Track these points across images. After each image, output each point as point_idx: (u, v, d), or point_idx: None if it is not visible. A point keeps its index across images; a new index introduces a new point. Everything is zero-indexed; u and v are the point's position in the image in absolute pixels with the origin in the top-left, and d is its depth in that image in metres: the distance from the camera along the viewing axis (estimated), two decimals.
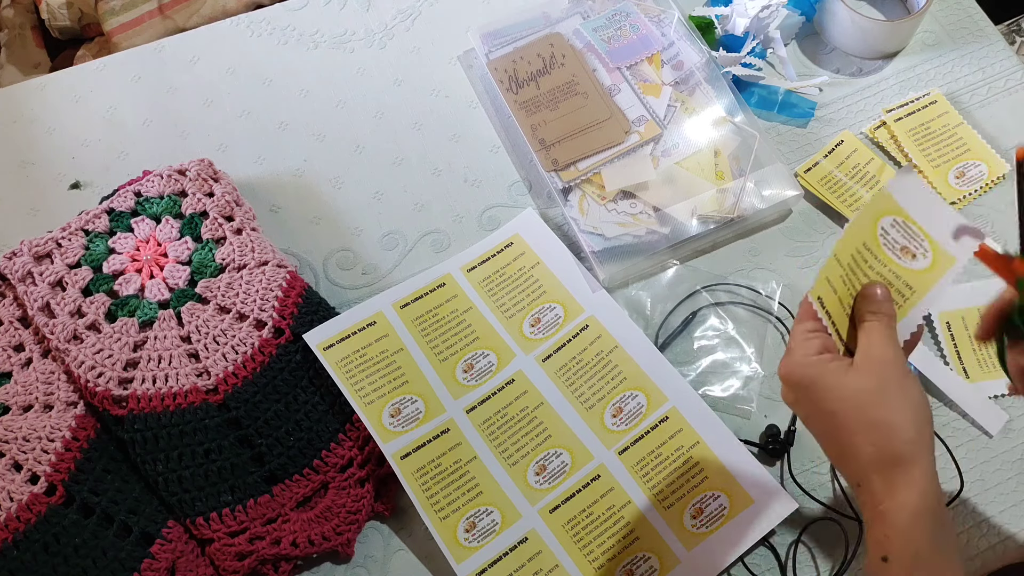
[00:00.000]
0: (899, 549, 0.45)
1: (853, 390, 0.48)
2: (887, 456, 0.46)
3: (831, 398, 0.48)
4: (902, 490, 0.46)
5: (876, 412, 0.47)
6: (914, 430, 0.47)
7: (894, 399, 0.47)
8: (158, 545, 0.66)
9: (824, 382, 0.49)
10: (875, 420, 0.47)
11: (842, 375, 0.49)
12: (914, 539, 0.45)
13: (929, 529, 0.45)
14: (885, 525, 0.46)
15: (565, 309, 0.76)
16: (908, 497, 0.45)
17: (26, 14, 1.30)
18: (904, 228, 0.51)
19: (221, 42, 0.92)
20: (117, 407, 0.69)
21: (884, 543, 0.46)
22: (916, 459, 0.46)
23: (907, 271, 0.50)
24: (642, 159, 0.80)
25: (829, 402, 0.48)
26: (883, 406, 0.47)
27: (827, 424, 0.49)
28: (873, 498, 0.47)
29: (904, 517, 0.45)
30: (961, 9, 0.90)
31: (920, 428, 0.47)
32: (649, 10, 0.88)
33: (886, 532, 0.46)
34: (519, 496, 0.68)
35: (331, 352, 0.72)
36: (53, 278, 0.74)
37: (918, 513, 0.45)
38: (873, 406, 0.47)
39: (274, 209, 0.83)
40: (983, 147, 0.82)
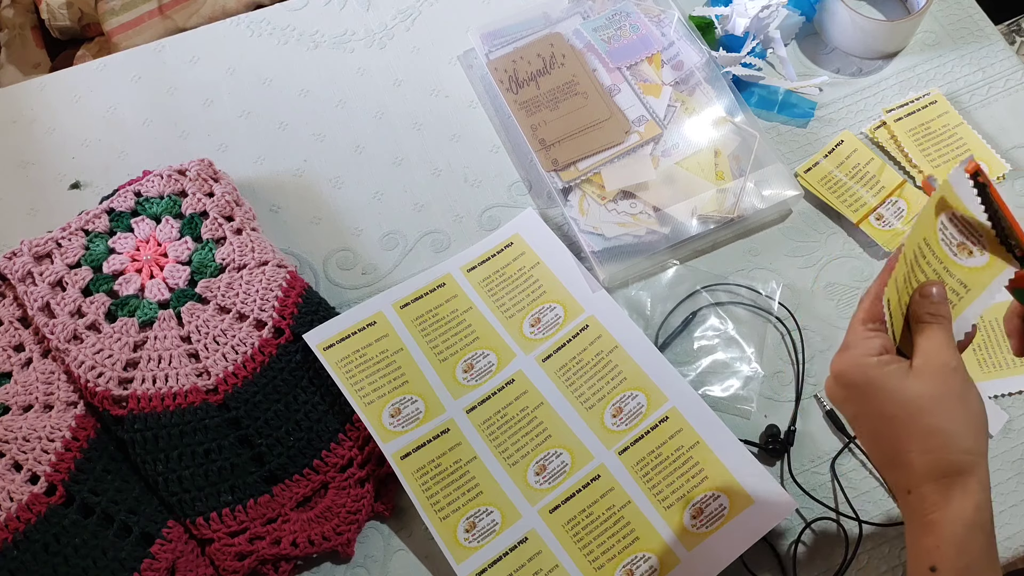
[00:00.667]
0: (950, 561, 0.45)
1: (913, 395, 0.46)
2: (943, 465, 0.45)
3: (889, 401, 0.47)
4: (957, 501, 0.45)
5: (935, 419, 0.46)
6: (972, 440, 0.46)
7: (954, 407, 0.46)
8: (158, 545, 0.66)
9: (882, 384, 0.47)
10: (933, 427, 0.46)
11: (902, 378, 0.47)
12: (967, 552, 0.44)
13: (981, 543, 0.45)
14: (936, 535, 0.45)
15: (565, 309, 0.76)
16: (964, 508, 0.45)
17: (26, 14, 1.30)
18: (962, 223, 0.48)
19: (221, 42, 0.92)
20: (117, 407, 0.69)
21: (934, 553, 0.45)
22: (973, 470, 0.46)
23: (962, 268, 0.48)
24: (642, 159, 0.80)
25: (886, 405, 0.47)
26: (942, 414, 0.46)
27: (880, 427, 0.48)
28: (924, 506, 0.46)
29: (959, 529, 0.44)
30: (961, 9, 0.90)
31: (978, 438, 0.46)
32: (649, 10, 0.88)
33: (937, 542, 0.45)
34: (519, 496, 0.68)
35: (331, 352, 0.72)
36: (53, 278, 0.74)
37: (973, 525, 0.45)
38: (932, 413, 0.46)
39: (274, 209, 0.83)
40: (983, 147, 0.82)
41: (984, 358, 0.74)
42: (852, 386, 0.49)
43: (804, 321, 0.76)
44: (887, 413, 0.47)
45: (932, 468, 0.46)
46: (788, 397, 0.74)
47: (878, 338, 0.50)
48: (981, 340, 0.74)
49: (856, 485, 0.70)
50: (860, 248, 0.79)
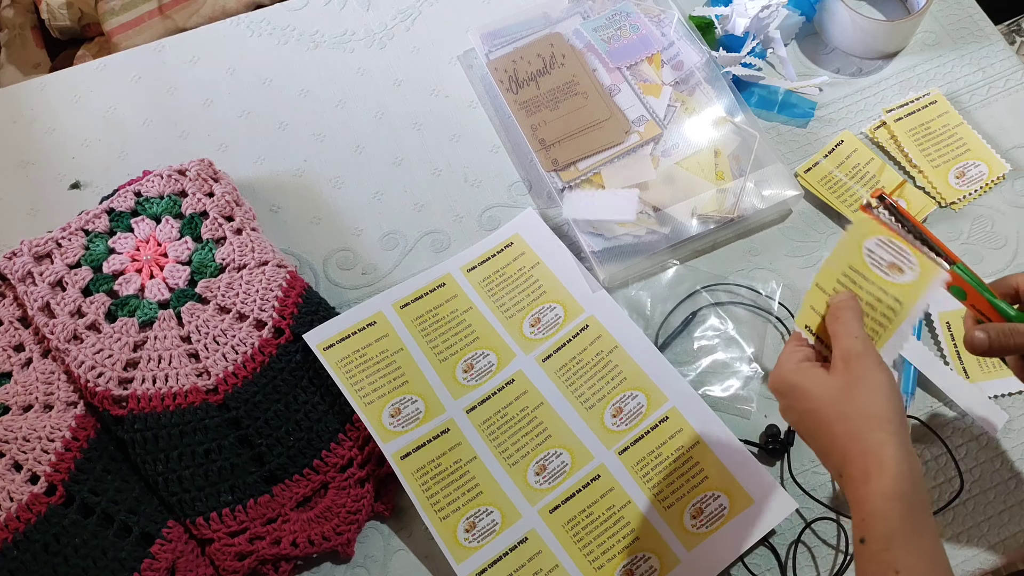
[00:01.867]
0: (873, 531, 0.48)
1: (828, 388, 0.52)
2: (858, 444, 0.49)
3: (809, 398, 0.52)
4: (874, 475, 0.48)
5: (845, 405, 0.51)
6: (881, 418, 0.50)
7: (861, 391, 0.50)
8: (158, 545, 0.66)
9: (802, 385, 0.53)
10: (845, 413, 0.50)
11: (819, 378, 0.53)
12: (888, 520, 0.47)
13: (900, 511, 0.47)
14: (861, 509, 0.49)
15: (565, 309, 0.76)
16: (880, 481, 0.48)
17: (26, 14, 1.30)
18: (890, 245, 0.54)
19: (221, 42, 0.92)
20: (117, 407, 0.69)
21: (861, 526, 0.49)
22: (885, 444, 0.49)
23: (896, 286, 0.53)
24: (642, 159, 0.80)
25: (808, 401, 0.52)
26: (851, 399, 0.50)
27: (809, 423, 0.53)
28: (851, 485, 0.50)
29: (877, 500, 0.48)
30: (961, 9, 0.90)
31: (887, 414, 0.50)
32: (649, 10, 0.88)
33: (862, 516, 0.49)
34: (519, 496, 0.68)
35: (331, 352, 0.72)
36: (53, 278, 0.74)
37: (890, 496, 0.48)
38: (843, 401, 0.51)
39: (274, 209, 0.83)
40: (983, 147, 0.82)
41: (983, 358, 0.74)
42: (782, 394, 0.55)
43: None
44: (809, 408, 0.52)
45: (849, 450, 0.50)
46: None
47: (800, 351, 0.56)
48: None
49: None
50: None
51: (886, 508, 0.48)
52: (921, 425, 0.72)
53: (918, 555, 0.47)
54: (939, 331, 0.74)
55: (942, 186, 0.81)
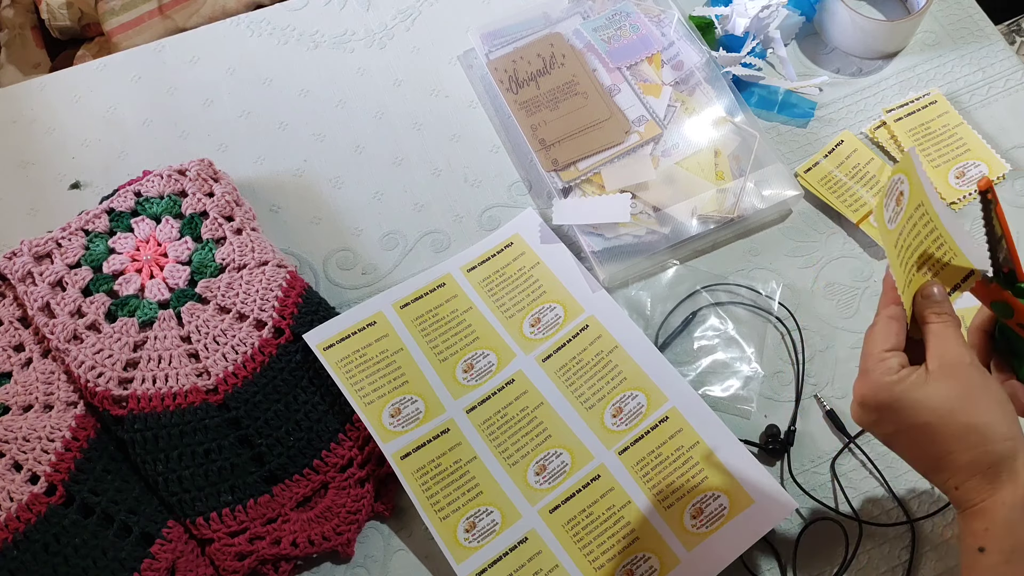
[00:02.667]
0: (998, 541, 0.47)
1: (941, 398, 0.48)
2: (986, 458, 0.47)
3: (919, 411, 0.48)
4: (1006, 485, 0.47)
5: (967, 417, 0.47)
6: (1007, 426, 0.47)
7: (981, 401, 0.48)
8: (158, 545, 0.66)
9: (910, 398, 0.49)
10: (969, 423, 0.47)
11: (925, 386, 0.49)
12: (1016, 531, 0.46)
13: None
14: (985, 519, 0.47)
15: (565, 309, 0.76)
16: (1013, 491, 0.46)
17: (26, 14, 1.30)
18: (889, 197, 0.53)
19: (221, 42, 0.92)
20: (117, 407, 0.69)
21: (982, 536, 0.47)
22: (1015, 454, 0.47)
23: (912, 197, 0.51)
24: (642, 159, 0.80)
25: (919, 415, 0.48)
26: (974, 408, 0.48)
27: (918, 438, 0.49)
28: (972, 497, 0.48)
29: (1007, 511, 0.46)
30: (961, 9, 0.90)
31: (1011, 423, 0.48)
32: (649, 10, 0.88)
33: (986, 525, 0.47)
34: (519, 496, 0.68)
35: (331, 352, 0.72)
36: (53, 278, 0.74)
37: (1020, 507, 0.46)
38: (964, 411, 0.48)
39: (274, 209, 0.83)
40: (983, 147, 0.82)
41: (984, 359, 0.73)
42: (880, 408, 0.50)
43: (804, 321, 0.76)
44: (921, 422, 0.48)
45: (975, 463, 0.47)
46: (788, 397, 0.74)
47: (894, 357, 0.51)
48: None
49: (856, 485, 0.70)
50: (860, 248, 0.79)
51: (1016, 519, 0.46)
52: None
53: None
54: None
55: (942, 186, 0.81)
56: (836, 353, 0.75)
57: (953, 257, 0.49)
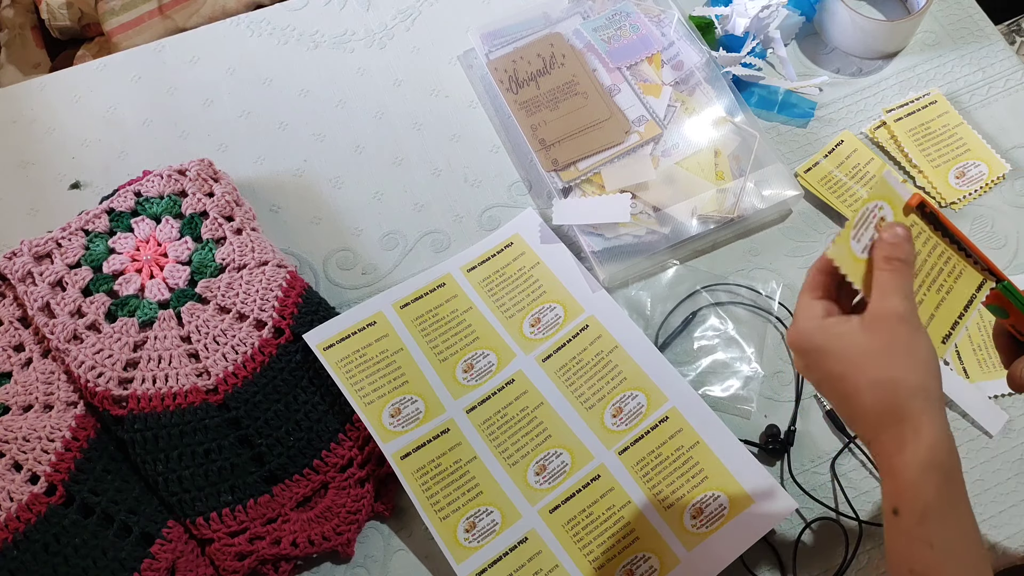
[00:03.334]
0: (909, 502, 0.46)
1: (859, 349, 0.47)
2: (893, 412, 0.46)
3: (838, 360, 0.48)
4: (910, 444, 0.46)
5: (880, 370, 0.47)
6: (918, 383, 0.46)
7: (899, 355, 0.47)
8: (158, 545, 0.66)
9: (829, 345, 0.48)
10: (879, 377, 0.47)
11: (848, 336, 0.48)
12: (922, 492, 0.45)
13: (937, 482, 0.45)
14: (895, 479, 0.46)
15: (565, 309, 0.76)
16: (916, 451, 0.46)
17: (26, 14, 1.30)
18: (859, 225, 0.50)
19: (221, 42, 0.92)
20: (117, 407, 0.69)
21: (894, 497, 0.47)
22: (922, 413, 0.46)
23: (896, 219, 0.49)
24: (642, 159, 0.80)
25: (836, 364, 0.48)
26: (888, 362, 0.47)
27: (836, 387, 0.49)
28: (884, 454, 0.47)
29: (912, 471, 0.46)
30: (961, 9, 0.90)
31: (926, 383, 0.47)
32: (649, 10, 0.88)
33: (895, 486, 0.46)
34: (519, 496, 0.68)
35: (331, 352, 0.72)
36: (53, 278, 0.74)
37: (927, 466, 0.45)
38: (878, 364, 0.47)
39: (274, 209, 0.83)
40: (983, 147, 0.82)
41: (984, 358, 0.74)
42: (805, 353, 0.50)
43: None
44: (838, 371, 0.48)
45: (883, 416, 0.47)
46: (788, 397, 0.74)
47: (820, 303, 0.50)
48: (981, 340, 0.74)
49: (856, 485, 0.70)
50: None
51: (922, 479, 0.45)
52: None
53: (953, 528, 0.45)
54: None
55: (942, 186, 0.81)
56: None
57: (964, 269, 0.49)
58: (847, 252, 0.49)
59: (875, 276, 0.49)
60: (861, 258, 0.49)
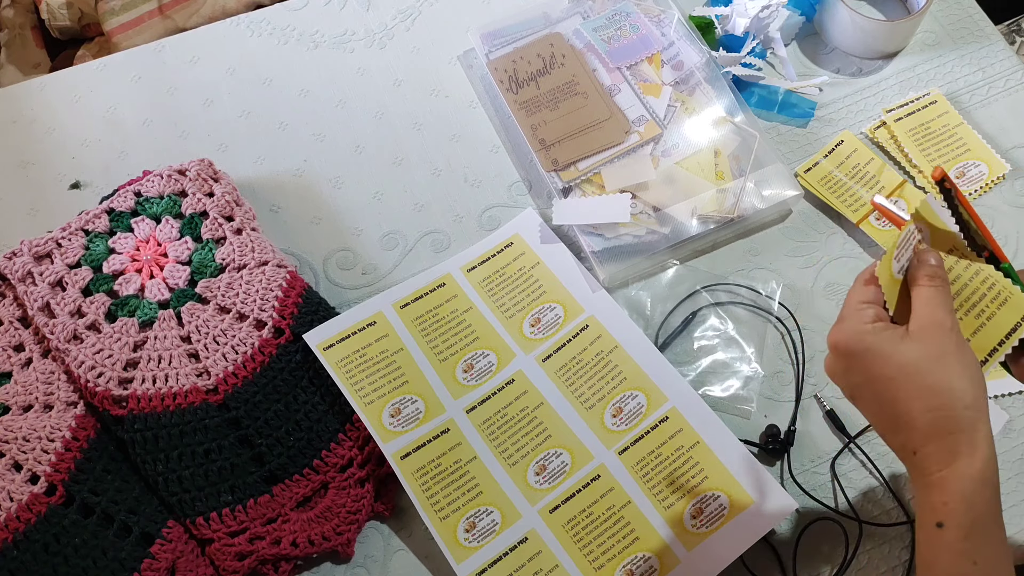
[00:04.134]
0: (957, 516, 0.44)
1: (912, 356, 0.46)
2: (947, 423, 0.45)
3: (887, 364, 0.47)
4: (964, 457, 0.45)
5: (935, 377, 0.46)
6: (972, 396, 0.46)
7: (953, 364, 0.46)
8: (158, 545, 0.66)
9: (880, 349, 0.47)
10: (934, 385, 0.46)
11: (899, 342, 0.47)
12: (974, 507, 0.44)
13: (988, 498, 0.44)
14: (944, 491, 0.45)
15: (565, 309, 0.76)
16: (970, 464, 0.45)
17: (26, 14, 1.30)
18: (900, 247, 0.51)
19: (221, 42, 0.92)
20: (117, 407, 0.69)
21: (941, 509, 0.45)
22: (977, 425, 0.45)
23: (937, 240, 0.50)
24: (642, 159, 0.80)
25: (886, 368, 0.47)
26: (942, 371, 0.46)
27: (882, 391, 0.48)
28: (930, 465, 0.46)
29: (966, 484, 0.44)
30: (961, 9, 0.90)
31: (978, 394, 0.46)
32: (649, 10, 0.88)
33: (945, 499, 0.45)
34: (519, 496, 0.68)
35: (331, 352, 0.72)
36: (53, 278, 0.74)
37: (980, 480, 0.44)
38: (932, 372, 0.46)
39: (274, 209, 0.83)
40: (983, 147, 0.82)
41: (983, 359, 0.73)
42: (851, 355, 0.49)
43: (804, 321, 0.76)
44: (887, 375, 0.47)
45: (936, 426, 0.45)
46: (788, 397, 0.74)
47: (871, 308, 0.50)
48: None
49: (856, 485, 0.70)
50: (860, 248, 0.79)
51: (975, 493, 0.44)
52: None
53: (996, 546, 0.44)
54: None
55: None
56: None
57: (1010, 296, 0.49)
58: (887, 271, 0.50)
59: (919, 292, 0.49)
60: (897, 278, 0.50)
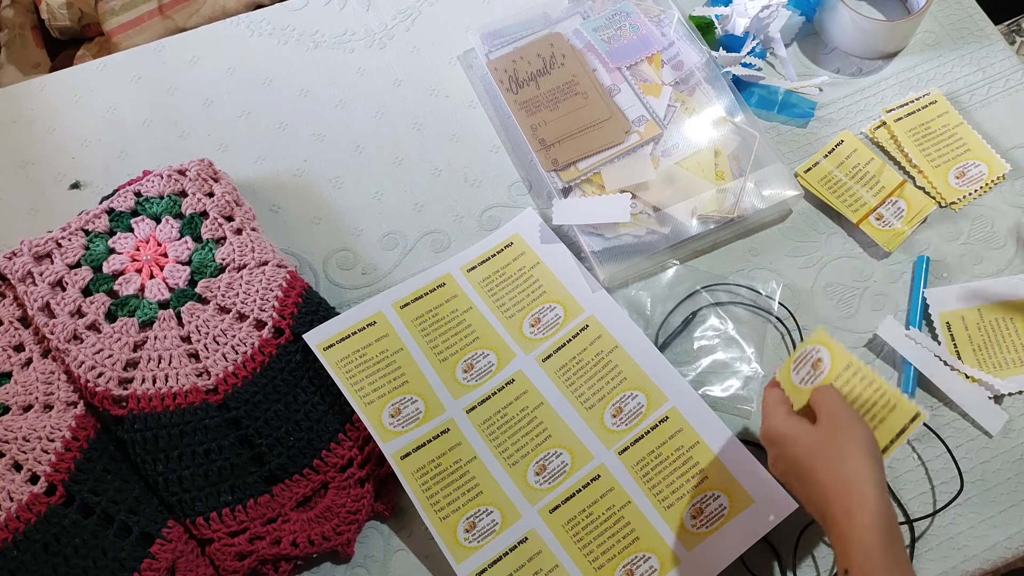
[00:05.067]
0: (857, 561, 0.52)
1: (815, 436, 0.57)
2: (842, 484, 0.54)
3: (799, 444, 0.57)
4: (856, 510, 0.53)
5: (831, 451, 0.56)
6: (863, 462, 0.54)
7: (845, 438, 0.56)
8: (158, 545, 0.66)
9: (794, 433, 0.58)
10: (830, 457, 0.55)
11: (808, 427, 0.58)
12: (870, 550, 0.51)
13: (881, 542, 0.52)
14: (844, 542, 0.53)
15: (565, 309, 0.76)
16: (863, 515, 0.52)
17: (26, 14, 1.30)
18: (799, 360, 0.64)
19: (221, 42, 0.92)
20: (117, 407, 0.69)
21: (845, 558, 0.53)
22: (867, 483, 0.53)
23: (832, 371, 0.62)
24: (642, 159, 0.80)
25: (797, 447, 0.57)
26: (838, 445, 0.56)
27: (798, 469, 0.57)
28: (834, 521, 0.54)
29: (860, 531, 0.52)
30: (961, 9, 0.90)
31: (869, 461, 0.55)
32: (649, 10, 0.88)
33: (845, 548, 0.53)
34: (519, 496, 0.68)
35: (331, 352, 0.72)
36: (53, 278, 0.74)
37: (871, 528, 0.52)
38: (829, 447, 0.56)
39: (274, 209, 0.83)
40: (983, 147, 0.82)
41: (984, 358, 0.74)
42: (773, 443, 0.60)
43: (804, 321, 0.76)
44: (796, 455, 0.57)
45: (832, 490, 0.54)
46: None
47: (784, 405, 0.62)
48: (982, 340, 0.74)
49: None
50: (860, 248, 0.79)
51: (869, 539, 0.52)
52: (921, 425, 0.72)
53: None
54: (939, 331, 0.74)
55: (942, 186, 0.81)
56: None
57: (898, 403, 0.59)
58: (788, 379, 0.63)
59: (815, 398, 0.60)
60: (800, 388, 0.62)
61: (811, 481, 0.56)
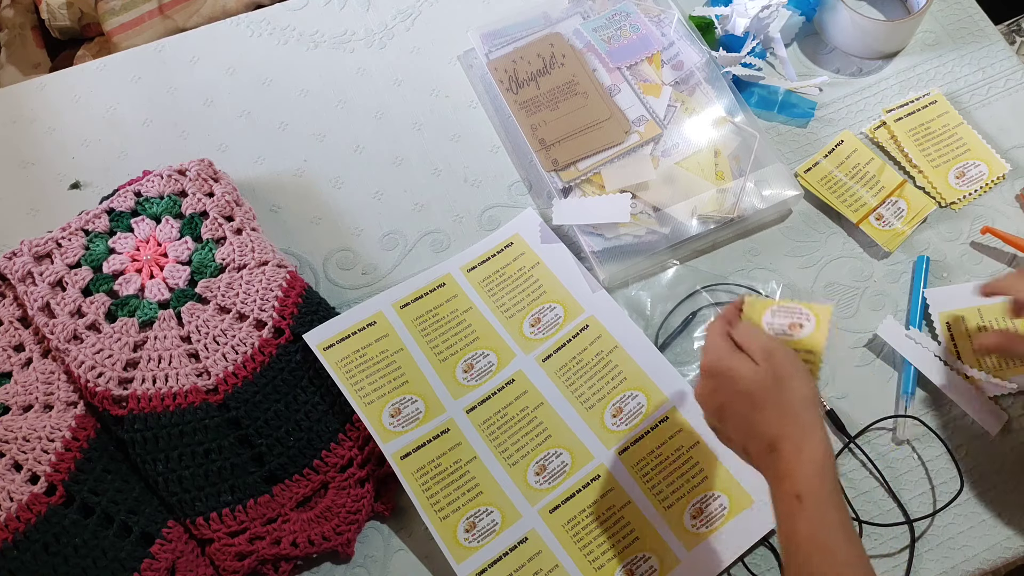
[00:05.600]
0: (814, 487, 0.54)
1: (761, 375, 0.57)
2: (795, 423, 0.55)
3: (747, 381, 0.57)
4: (808, 447, 0.54)
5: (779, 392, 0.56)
6: (811, 401, 0.56)
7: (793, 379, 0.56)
8: (158, 545, 0.66)
9: (740, 369, 0.57)
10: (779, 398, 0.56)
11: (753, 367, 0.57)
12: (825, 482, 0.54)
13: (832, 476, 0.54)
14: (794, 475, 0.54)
15: (565, 309, 0.76)
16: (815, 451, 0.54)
17: (26, 14, 1.30)
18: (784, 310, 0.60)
19: (221, 42, 0.92)
20: (117, 407, 0.69)
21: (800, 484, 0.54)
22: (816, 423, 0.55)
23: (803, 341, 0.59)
24: (642, 159, 0.80)
25: (744, 383, 0.57)
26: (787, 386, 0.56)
27: (740, 404, 0.57)
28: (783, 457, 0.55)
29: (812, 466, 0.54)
30: (961, 9, 0.90)
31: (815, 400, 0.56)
32: (649, 10, 0.88)
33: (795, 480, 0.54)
34: (519, 496, 0.68)
35: (331, 352, 0.72)
36: (53, 278, 0.74)
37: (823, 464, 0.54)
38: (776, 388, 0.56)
39: (274, 209, 0.83)
40: (983, 147, 0.82)
41: (984, 358, 0.74)
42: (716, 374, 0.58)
43: None
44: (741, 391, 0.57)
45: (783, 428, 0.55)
46: None
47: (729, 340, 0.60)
48: None
49: (856, 485, 0.70)
50: (860, 248, 0.79)
51: (824, 468, 0.54)
52: (921, 425, 0.72)
53: (842, 512, 0.54)
54: (939, 331, 0.74)
55: (942, 186, 0.81)
56: (836, 353, 0.75)
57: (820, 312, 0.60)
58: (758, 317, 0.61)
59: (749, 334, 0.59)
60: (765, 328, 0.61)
61: (757, 418, 0.57)
